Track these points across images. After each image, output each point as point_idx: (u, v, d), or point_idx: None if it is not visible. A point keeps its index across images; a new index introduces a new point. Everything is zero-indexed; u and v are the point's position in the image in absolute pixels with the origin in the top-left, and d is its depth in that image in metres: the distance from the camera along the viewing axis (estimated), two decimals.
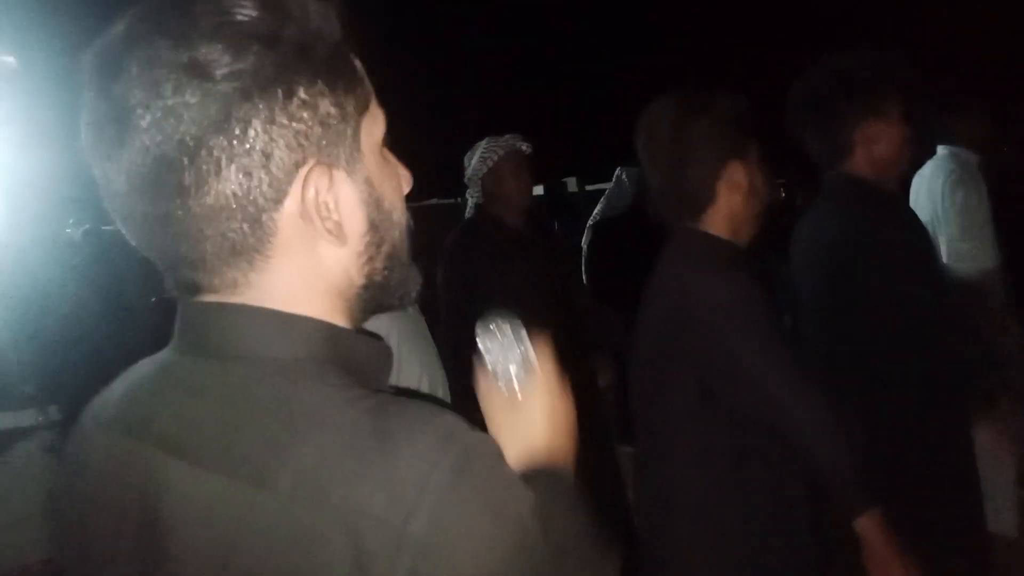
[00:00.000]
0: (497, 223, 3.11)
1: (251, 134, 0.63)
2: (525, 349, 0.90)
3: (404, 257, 0.78)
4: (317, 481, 0.61)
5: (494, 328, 0.91)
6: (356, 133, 0.70)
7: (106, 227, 3.83)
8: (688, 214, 1.65)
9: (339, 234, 0.69)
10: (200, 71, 0.62)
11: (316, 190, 0.67)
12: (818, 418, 1.53)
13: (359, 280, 0.73)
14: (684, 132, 1.62)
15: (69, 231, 3.91)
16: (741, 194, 1.63)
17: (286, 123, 0.65)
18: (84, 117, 0.66)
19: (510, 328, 0.91)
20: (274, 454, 0.62)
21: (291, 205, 0.67)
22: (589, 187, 7.45)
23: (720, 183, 1.62)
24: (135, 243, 0.70)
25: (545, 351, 0.91)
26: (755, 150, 1.66)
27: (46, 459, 3.34)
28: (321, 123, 0.67)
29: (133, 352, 0.81)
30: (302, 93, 0.65)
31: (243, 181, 0.64)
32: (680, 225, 1.68)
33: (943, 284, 2.13)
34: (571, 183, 7.48)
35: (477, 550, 0.60)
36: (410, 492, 0.59)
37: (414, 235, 0.81)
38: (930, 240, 2.20)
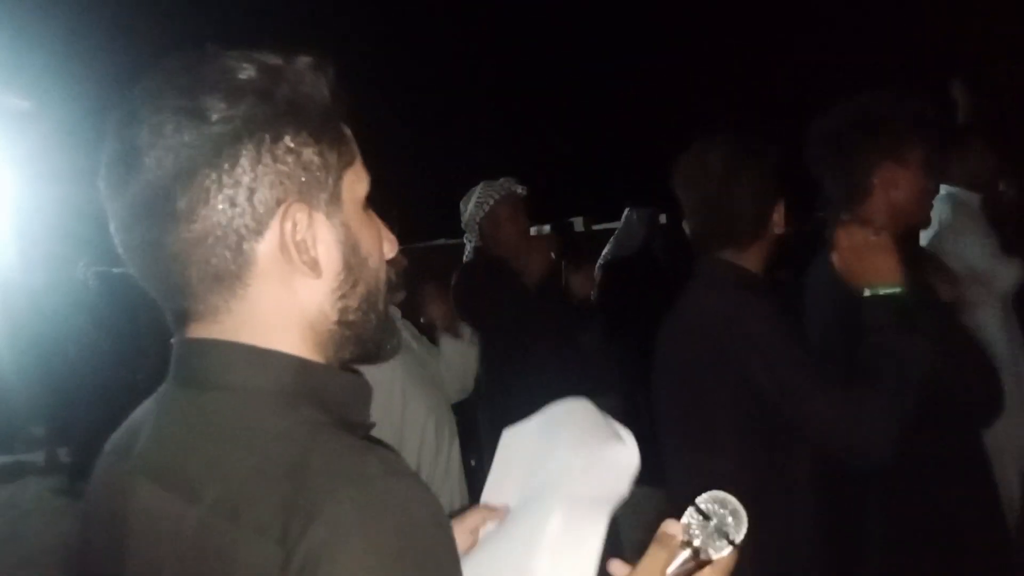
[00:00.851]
0: (498, 266, 3.12)
1: (238, 170, 0.71)
2: (719, 544, 0.88)
3: (380, 306, 0.82)
4: (234, 500, 0.66)
5: (720, 507, 0.89)
6: (338, 184, 0.77)
7: (117, 269, 3.86)
8: (733, 247, 1.73)
9: (315, 268, 0.75)
10: (198, 115, 0.71)
11: (295, 225, 0.73)
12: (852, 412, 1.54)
13: (333, 316, 0.78)
14: (743, 172, 1.71)
15: (81, 273, 3.94)
16: (778, 232, 1.74)
17: (271, 163, 0.72)
18: (103, 160, 0.74)
19: (728, 516, 0.89)
20: (208, 473, 0.69)
21: (271, 238, 0.73)
22: (596, 227, 7.48)
23: (771, 221, 1.72)
24: (136, 273, 0.77)
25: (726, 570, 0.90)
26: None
27: (55, 500, 3.33)
28: (304, 168, 0.74)
29: (144, 395, 0.85)
30: (288, 140, 0.73)
31: (228, 211, 0.71)
32: (711, 256, 1.74)
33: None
34: (578, 223, 7.52)
35: None
36: (304, 519, 0.63)
37: (413, 274, 0.83)
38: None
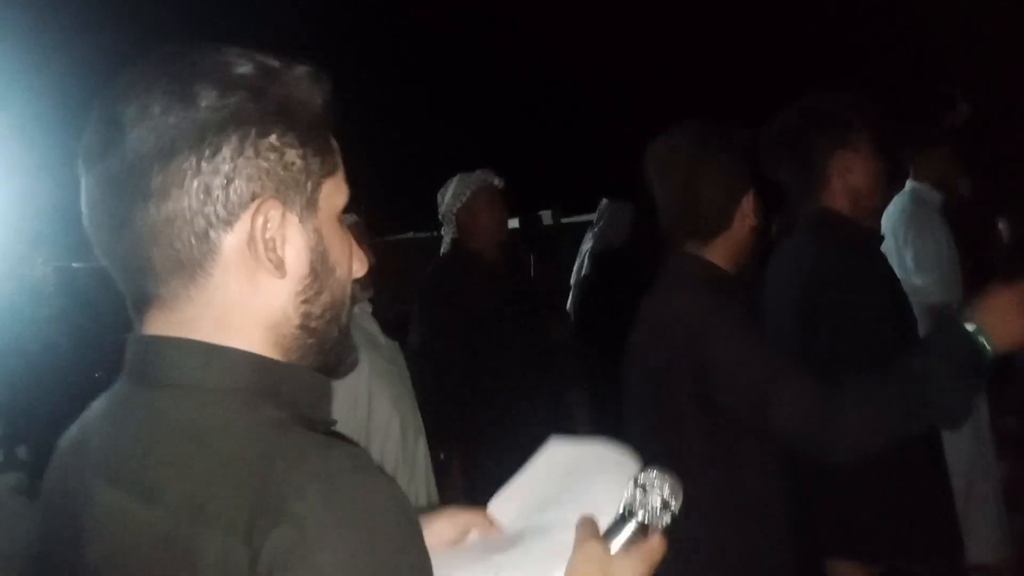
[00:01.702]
0: (473, 258, 3.12)
1: (219, 158, 0.71)
2: (661, 514, 0.90)
3: (343, 319, 0.82)
4: (197, 499, 0.65)
5: (653, 479, 0.91)
6: (316, 190, 0.77)
7: (77, 264, 3.78)
8: (699, 240, 1.71)
9: (279, 268, 0.74)
10: (188, 100, 0.71)
11: (266, 221, 0.73)
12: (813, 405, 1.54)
13: (295, 319, 0.77)
14: (705, 163, 1.70)
15: (39, 269, 3.85)
16: (749, 224, 1.70)
17: (252, 157, 0.72)
18: (85, 133, 0.74)
19: (667, 488, 0.90)
20: (168, 473, 0.68)
21: (240, 230, 0.73)
22: (565, 220, 7.50)
23: (737, 213, 1.69)
24: (100, 252, 0.76)
25: (664, 542, 0.91)
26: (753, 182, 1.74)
27: (15, 500, 3.26)
28: (284, 168, 0.74)
29: (104, 391, 0.83)
30: (273, 139, 0.73)
31: (201, 196, 0.71)
32: (680, 250, 1.74)
33: (909, 327, 2.16)
34: (546, 216, 7.52)
35: None
36: (270, 517, 0.62)
37: (380, 271, 0.82)
38: (898, 281, 2.24)
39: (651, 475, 0.91)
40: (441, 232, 3.35)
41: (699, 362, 1.60)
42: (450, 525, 1.06)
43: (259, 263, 0.74)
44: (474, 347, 2.96)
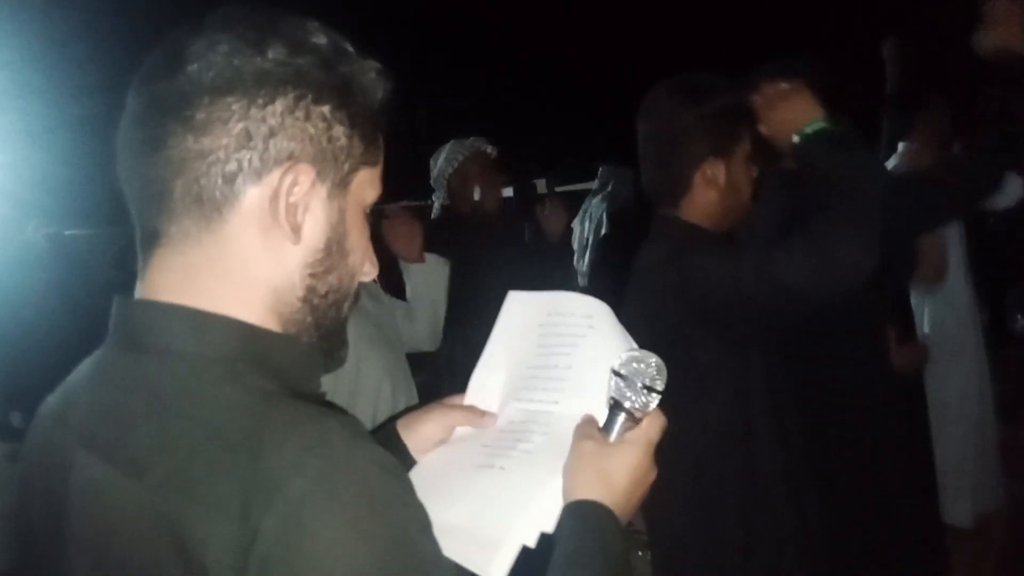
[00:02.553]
0: (462, 222, 3.12)
1: (269, 110, 0.71)
2: (647, 399, 0.90)
3: (345, 308, 0.81)
4: (185, 474, 0.64)
5: (631, 367, 0.91)
6: (352, 172, 0.77)
7: (69, 231, 3.77)
8: (666, 201, 1.69)
9: (295, 233, 0.73)
10: (258, 48, 0.71)
11: (294, 183, 0.72)
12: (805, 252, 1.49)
13: (299, 291, 0.76)
14: (672, 121, 1.65)
15: (31, 235, 3.85)
16: (716, 190, 1.65)
17: (301, 119, 0.72)
18: (150, 57, 0.74)
19: (647, 372, 0.90)
20: (154, 446, 0.66)
21: (267, 185, 0.72)
22: (559, 188, 7.47)
23: (696, 176, 1.65)
24: (123, 175, 0.75)
25: (661, 417, 0.92)
26: (744, 147, 1.67)
27: (9, 467, 3.28)
28: (328, 140, 0.74)
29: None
30: (326, 110, 0.73)
31: (241, 141, 0.70)
32: (659, 212, 1.72)
33: None
34: (541, 185, 7.49)
35: (327, 562, 0.60)
36: (266, 494, 0.60)
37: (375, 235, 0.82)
38: None
39: (629, 363, 0.91)
40: (433, 198, 3.34)
41: (682, 294, 1.57)
42: (439, 427, 1.05)
43: (276, 223, 0.73)
44: (467, 304, 2.96)
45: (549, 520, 0.90)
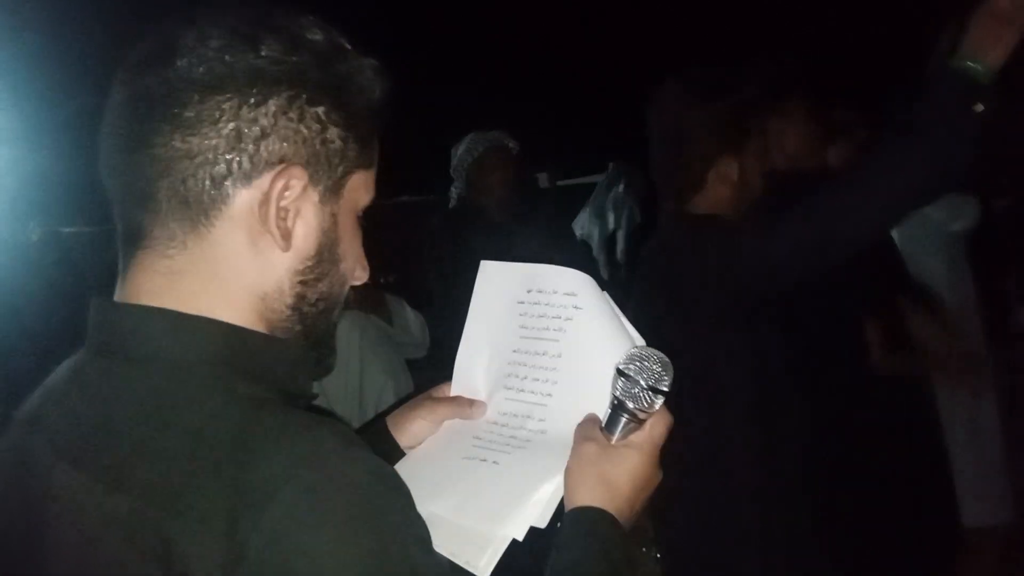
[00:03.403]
0: (477, 213, 3.13)
1: (261, 110, 0.68)
2: (652, 399, 0.87)
3: (334, 315, 0.78)
4: (166, 488, 0.61)
5: (635, 366, 0.88)
6: (345, 176, 0.74)
7: (67, 229, 3.75)
8: (678, 196, 1.68)
9: (285, 239, 0.71)
10: (251, 44, 0.69)
11: (285, 188, 0.69)
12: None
13: (288, 299, 0.73)
14: (684, 118, 1.64)
15: (29, 233, 3.83)
16: (730, 187, 1.66)
17: (294, 120, 0.69)
18: (137, 48, 0.71)
19: (652, 371, 0.87)
20: (133, 458, 0.64)
21: (257, 188, 0.69)
22: (561, 183, 7.43)
23: (710, 173, 1.64)
24: (105, 172, 0.72)
25: (667, 417, 0.90)
26: (758, 141, 1.67)
27: None
28: (322, 143, 0.71)
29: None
30: (321, 111, 0.71)
31: (231, 142, 0.68)
32: (671, 205, 1.70)
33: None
34: (542, 179, 7.46)
35: (314, 573, 0.58)
36: (254, 509, 0.58)
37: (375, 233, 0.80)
38: None
39: (633, 362, 0.88)
40: (452, 189, 3.36)
41: (687, 269, 1.56)
42: (428, 422, 1.03)
43: (265, 228, 0.70)
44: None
45: (542, 517, 0.88)
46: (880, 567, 2.11)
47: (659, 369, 0.88)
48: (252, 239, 0.71)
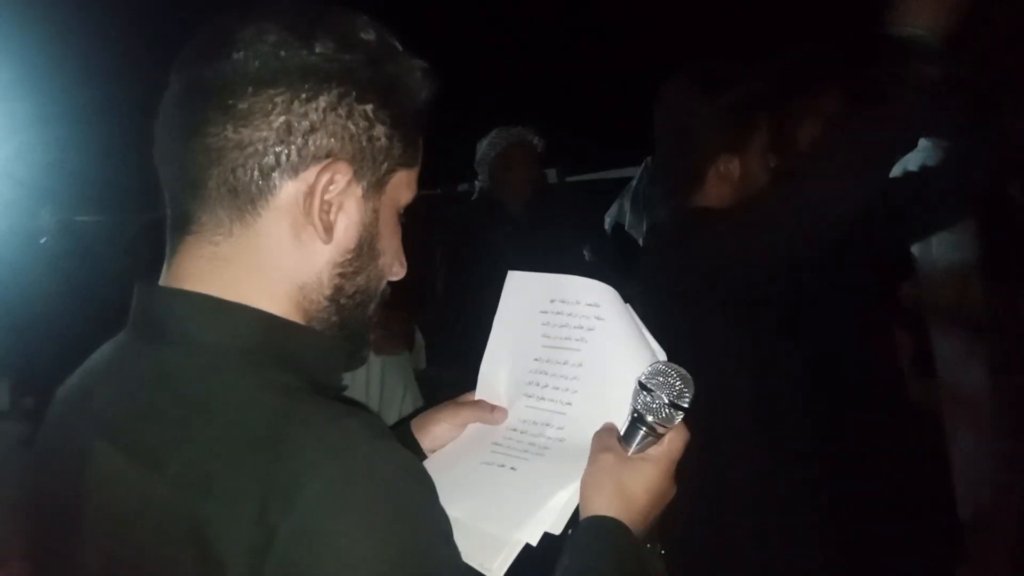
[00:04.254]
0: (498, 207, 3.14)
1: (311, 105, 0.70)
2: (671, 413, 0.88)
3: (370, 309, 0.80)
4: (202, 471, 0.63)
5: (657, 380, 0.88)
6: (389, 173, 0.76)
7: (81, 218, 3.78)
8: (680, 191, 1.67)
9: (328, 232, 0.73)
10: (305, 41, 0.71)
11: (330, 182, 0.72)
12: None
13: (327, 290, 0.75)
14: (687, 114, 1.63)
15: (44, 222, 3.86)
16: (731, 185, 1.64)
17: (343, 117, 0.72)
18: (195, 38, 0.74)
19: (673, 385, 0.88)
20: (171, 440, 0.65)
21: (303, 181, 0.71)
22: (570, 179, 7.42)
23: (711, 171, 1.62)
24: (159, 159, 0.75)
25: (684, 432, 0.90)
26: (761, 139, 1.65)
27: (21, 451, 3.30)
28: (368, 140, 0.73)
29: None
30: (369, 108, 0.73)
31: (281, 135, 0.70)
32: (673, 200, 1.70)
33: None
34: (551, 175, 7.45)
35: (343, 563, 0.59)
36: (285, 497, 0.59)
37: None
38: None
39: (655, 376, 0.89)
40: (476, 182, 3.37)
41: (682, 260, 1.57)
42: (451, 425, 1.05)
43: (309, 220, 0.72)
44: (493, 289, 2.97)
45: (557, 524, 0.90)
46: (880, 567, 2.12)
47: (681, 385, 0.88)
48: (295, 230, 0.73)
